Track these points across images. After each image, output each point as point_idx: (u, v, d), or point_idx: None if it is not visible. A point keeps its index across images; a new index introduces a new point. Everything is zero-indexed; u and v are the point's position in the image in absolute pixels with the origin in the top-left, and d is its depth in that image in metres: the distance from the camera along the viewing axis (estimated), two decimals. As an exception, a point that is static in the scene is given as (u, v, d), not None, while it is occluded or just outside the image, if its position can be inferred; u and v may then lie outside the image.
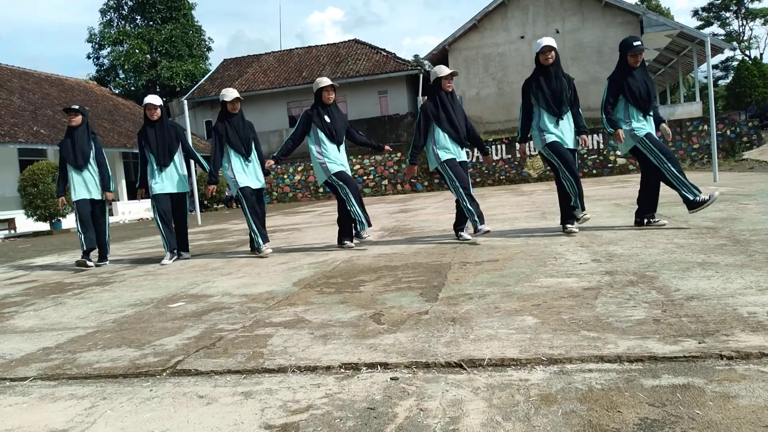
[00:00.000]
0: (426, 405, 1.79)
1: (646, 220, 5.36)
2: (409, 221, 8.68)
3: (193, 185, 14.30)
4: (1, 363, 2.70)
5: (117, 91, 32.49)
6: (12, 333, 3.33)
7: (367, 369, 2.17)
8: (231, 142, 5.84)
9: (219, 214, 19.01)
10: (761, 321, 2.29)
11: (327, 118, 5.71)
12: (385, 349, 2.35)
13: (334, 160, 5.69)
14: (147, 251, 7.73)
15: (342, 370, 2.18)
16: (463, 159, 5.54)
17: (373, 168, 21.92)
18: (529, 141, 5.48)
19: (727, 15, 48.44)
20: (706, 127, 19.26)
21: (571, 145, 5.28)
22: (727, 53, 46.31)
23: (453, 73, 5.51)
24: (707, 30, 43.84)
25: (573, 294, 3.01)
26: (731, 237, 4.37)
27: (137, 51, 32.75)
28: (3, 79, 21.75)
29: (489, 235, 5.46)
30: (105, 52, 35.02)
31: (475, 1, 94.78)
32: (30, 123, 18.85)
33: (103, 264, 6.46)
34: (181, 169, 6.23)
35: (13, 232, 16.37)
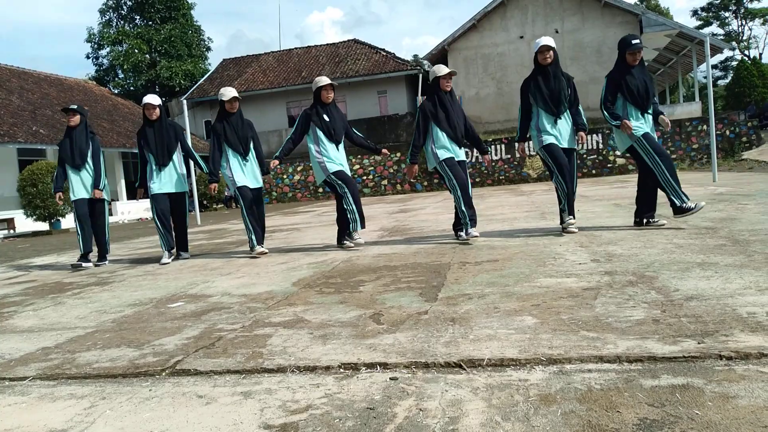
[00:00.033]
0: (425, 405, 1.79)
1: (645, 221, 5.36)
2: (408, 221, 8.69)
3: (192, 185, 14.34)
4: (0, 363, 2.70)
5: (116, 91, 32.49)
6: (11, 333, 3.33)
7: (366, 369, 2.17)
8: (229, 141, 5.85)
9: (218, 214, 19.00)
10: (760, 321, 2.29)
11: (326, 117, 5.72)
12: (385, 349, 2.35)
13: (332, 159, 5.70)
14: (146, 251, 7.73)
15: (341, 370, 2.18)
16: (461, 158, 5.54)
17: (373, 168, 21.92)
18: (529, 141, 5.50)
19: (727, 15, 48.52)
20: (705, 127, 19.27)
21: (569, 144, 5.29)
22: (727, 53, 46.48)
23: (451, 72, 5.51)
24: (706, 30, 43.90)
25: (572, 294, 3.01)
26: (730, 237, 4.37)
27: (136, 51, 32.75)
28: (2, 78, 21.73)
29: (489, 236, 5.46)
30: (104, 52, 35.08)
31: (474, 1, 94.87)
32: (29, 123, 18.83)
33: (102, 264, 6.45)
34: (180, 169, 6.23)
35: (12, 231, 16.36)
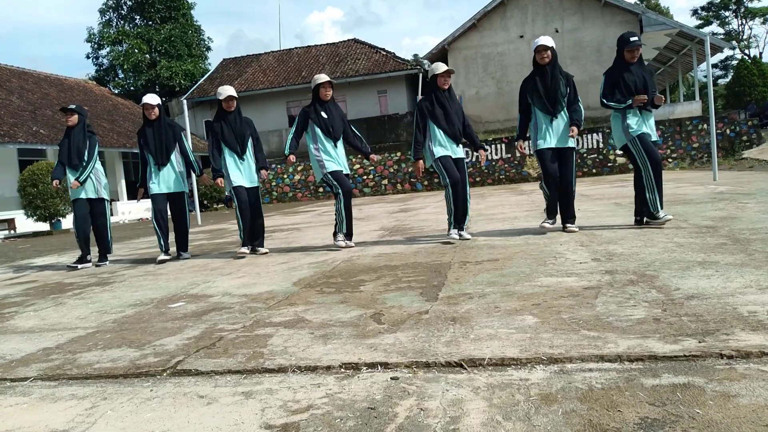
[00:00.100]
0: (426, 405, 1.79)
1: (645, 219, 5.36)
2: (408, 221, 8.69)
3: (192, 185, 14.34)
4: (1, 363, 2.70)
5: (116, 91, 32.49)
6: (12, 333, 3.33)
7: (367, 369, 2.17)
8: (225, 140, 5.86)
9: (219, 213, 19.01)
10: (761, 320, 2.29)
11: (324, 114, 5.73)
12: (386, 349, 2.35)
13: (331, 157, 5.71)
14: (147, 251, 7.72)
15: (342, 370, 2.18)
16: (459, 156, 5.54)
17: (373, 168, 21.89)
18: (528, 140, 5.50)
19: (727, 14, 48.49)
20: (705, 126, 19.25)
21: (566, 143, 5.29)
22: (727, 52, 46.41)
23: (449, 70, 5.50)
24: (706, 29, 43.88)
25: (573, 293, 3.01)
26: (731, 236, 4.37)
27: (136, 51, 32.74)
28: (2, 79, 21.74)
29: (489, 235, 5.47)
30: (104, 52, 35.05)
31: (474, 0, 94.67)
32: (29, 123, 18.84)
33: (103, 264, 6.45)
34: (179, 169, 6.23)
35: (12, 232, 16.36)
